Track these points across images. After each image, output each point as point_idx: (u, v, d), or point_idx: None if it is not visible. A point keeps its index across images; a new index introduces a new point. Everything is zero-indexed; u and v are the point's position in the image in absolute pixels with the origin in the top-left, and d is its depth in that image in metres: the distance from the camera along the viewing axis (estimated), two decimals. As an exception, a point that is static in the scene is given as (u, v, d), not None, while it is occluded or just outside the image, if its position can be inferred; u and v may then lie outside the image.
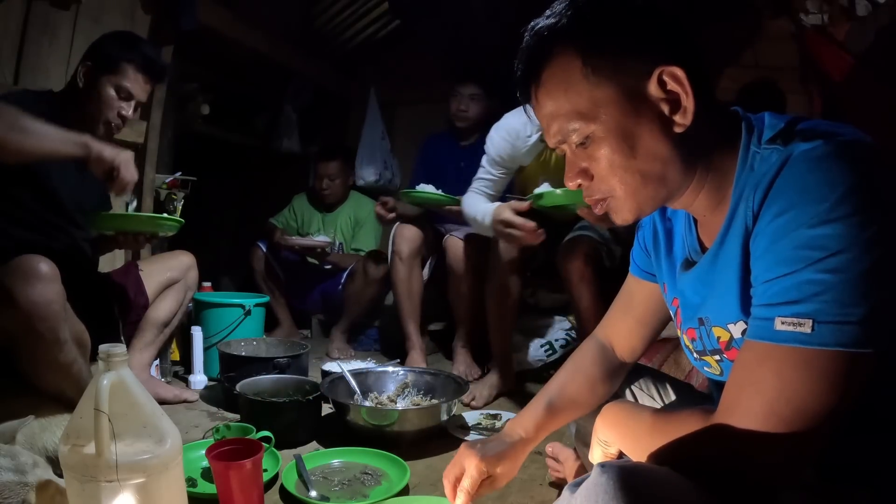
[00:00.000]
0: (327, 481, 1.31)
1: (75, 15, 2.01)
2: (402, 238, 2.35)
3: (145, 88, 1.65)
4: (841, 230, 0.57)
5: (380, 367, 1.95)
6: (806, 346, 0.57)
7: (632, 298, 1.00)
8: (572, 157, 0.75)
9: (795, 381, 0.58)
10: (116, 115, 1.60)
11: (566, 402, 0.99)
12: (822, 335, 0.57)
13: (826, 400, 0.57)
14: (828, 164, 0.60)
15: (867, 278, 0.56)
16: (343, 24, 3.55)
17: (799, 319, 0.57)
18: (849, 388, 0.57)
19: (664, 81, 0.68)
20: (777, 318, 0.59)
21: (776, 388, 0.58)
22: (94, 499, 0.80)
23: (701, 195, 0.75)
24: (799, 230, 0.59)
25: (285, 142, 3.68)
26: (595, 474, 0.58)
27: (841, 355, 0.56)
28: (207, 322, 2.22)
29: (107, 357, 0.82)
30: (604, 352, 1.02)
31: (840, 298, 0.56)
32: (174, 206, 2.53)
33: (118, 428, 0.80)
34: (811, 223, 0.58)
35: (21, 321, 1.22)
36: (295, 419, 1.55)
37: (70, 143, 1.32)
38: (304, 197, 3.22)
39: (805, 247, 0.58)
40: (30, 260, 1.25)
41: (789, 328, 0.58)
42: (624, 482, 0.55)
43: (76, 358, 1.35)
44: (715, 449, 0.62)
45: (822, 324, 0.56)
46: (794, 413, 0.57)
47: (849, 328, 0.56)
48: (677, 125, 0.69)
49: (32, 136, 1.26)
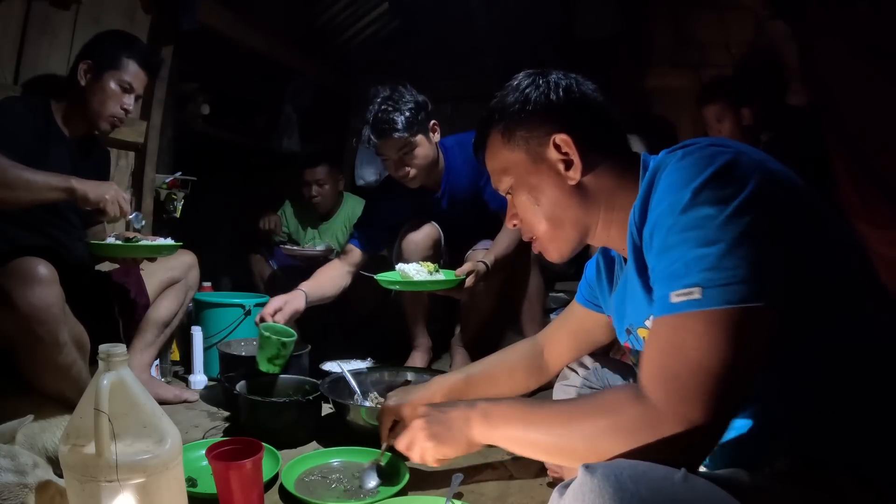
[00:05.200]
0: (327, 481, 1.32)
1: (75, 15, 2.01)
2: (409, 241, 2.30)
3: (144, 82, 1.70)
4: (707, 210, 0.66)
5: (380, 367, 1.95)
6: (698, 310, 0.65)
7: (570, 316, 1.19)
8: (509, 203, 0.97)
9: (694, 343, 0.65)
10: (120, 109, 1.65)
11: (483, 377, 1.20)
12: (710, 297, 0.65)
13: (726, 357, 0.64)
14: (686, 162, 0.71)
15: (740, 244, 0.64)
16: (343, 24, 3.55)
17: (689, 289, 0.66)
18: (747, 343, 0.64)
19: (559, 145, 0.87)
20: (671, 294, 0.67)
21: (680, 353, 0.66)
22: (94, 499, 0.80)
23: (612, 231, 0.90)
24: (673, 217, 0.69)
25: (285, 142, 3.68)
26: (581, 474, 0.60)
27: (731, 312, 0.64)
28: (207, 322, 2.22)
29: (107, 357, 0.82)
30: (533, 349, 1.21)
31: (720, 265, 0.64)
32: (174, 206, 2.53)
33: (118, 428, 0.80)
34: (681, 210, 0.68)
35: (20, 324, 1.22)
36: (295, 419, 1.55)
37: (56, 189, 1.37)
38: (290, 205, 3.10)
39: (681, 230, 0.68)
40: (28, 262, 1.25)
41: (683, 298, 0.66)
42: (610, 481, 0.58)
43: (76, 360, 1.35)
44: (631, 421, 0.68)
45: (709, 288, 0.65)
46: (700, 374, 0.64)
47: (733, 287, 0.64)
48: (570, 178, 0.88)
49: (18, 190, 1.32)
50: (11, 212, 1.49)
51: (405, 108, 1.94)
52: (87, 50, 1.65)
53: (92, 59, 1.61)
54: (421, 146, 2.00)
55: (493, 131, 0.94)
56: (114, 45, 1.64)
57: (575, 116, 0.89)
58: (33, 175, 1.33)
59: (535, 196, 0.91)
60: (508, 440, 0.83)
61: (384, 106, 1.93)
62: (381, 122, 1.92)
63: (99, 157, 1.84)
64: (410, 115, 1.94)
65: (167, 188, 2.51)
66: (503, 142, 0.92)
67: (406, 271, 1.81)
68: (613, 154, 0.89)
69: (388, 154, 2.00)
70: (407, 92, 1.98)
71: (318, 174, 2.94)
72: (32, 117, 1.55)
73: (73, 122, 1.65)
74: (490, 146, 0.96)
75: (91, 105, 1.62)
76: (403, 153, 1.98)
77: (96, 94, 1.61)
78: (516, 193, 0.93)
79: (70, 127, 1.65)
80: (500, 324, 2.50)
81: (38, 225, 1.59)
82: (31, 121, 1.54)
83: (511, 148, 0.92)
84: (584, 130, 0.88)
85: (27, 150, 1.45)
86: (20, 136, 1.48)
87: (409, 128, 1.93)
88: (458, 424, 0.88)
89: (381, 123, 1.92)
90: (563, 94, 0.90)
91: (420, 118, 1.97)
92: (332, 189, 2.99)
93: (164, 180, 2.50)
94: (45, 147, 1.55)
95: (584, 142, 0.87)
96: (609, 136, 0.91)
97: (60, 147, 1.61)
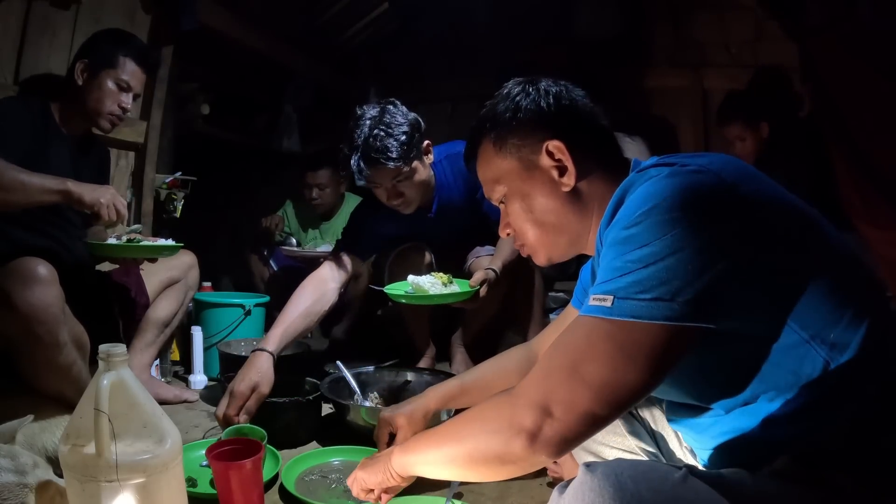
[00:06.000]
0: (327, 481, 1.32)
1: (75, 15, 2.01)
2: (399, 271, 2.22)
3: (142, 80, 1.71)
4: (644, 230, 0.67)
5: (380, 368, 1.95)
6: (604, 317, 0.67)
7: (566, 321, 1.14)
8: (502, 212, 0.96)
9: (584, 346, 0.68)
10: (118, 108, 1.65)
11: (478, 384, 1.17)
12: (619, 307, 0.66)
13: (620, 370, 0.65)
14: (656, 184, 0.71)
15: (664, 267, 0.65)
16: (343, 24, 3.55)
17: (604, 296, 0.68)
18: (646, 361, 0.65)
19: (552, 152, 0.87)
20: (591, 296, 0.70)
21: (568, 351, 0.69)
22: (94, 499, 0.80)
23: None
24: (617, 231, 0.71)
25: (285, 142, 3.68)
26: (581, 473, 0.61)
27: (635, 326, 0.65)
28: (207, 322, 2.22)
29: (107, 357, 0.82)
30: (528, 355, 1.17)
31: (638, 280, 0.66)
32: (174, 206, 2.53)
33: (118, 428, 0.80)
34: (626, 225, 0.70)
35: (20, 324, 1.22)
36: (295, 419, 1.55)
37: (51, 191, 1.37)
38: (291, 205, 3.11)
39: (617, 243, 0.70)
40: (28, 263, 1.25)
41: (597, 303, 0.68)
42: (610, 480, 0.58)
43: (75, 360, 1.35)
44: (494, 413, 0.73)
45: (621, 299, 0.66)
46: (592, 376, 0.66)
47: (644, 304, 0.65)
48: (564, 185, 0.87)
49: (13, 192, 1.32)
50: (11, 212, 1.49)
51: (399, 133, 1.72)
52: (84, 49, 1.65)
53: (88, 57, 1.61)
54: (417, 172, 1.82)
55: (485, 140, 0.94)
56: (110, 44, 1.65)
57: (566, 123, 0.89)
58: (29, 177, 1.33)
59: (528, 203, 0.90)
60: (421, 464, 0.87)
61: (375, 131, 1.71)
62: (372, 149, 1.71)
63: (99, 156, 1.84)
64: (406, 138, 1.73)
65: (167, 188, 2.51)
66: (495, 150, 0.92)
67: (419, 284, 1.72)
68: (605, 160, 0.90)
69: (382, 183, 1.79)
70: (398, 112, 1.77)
71: (320, 178, 2.93)
72: (31, 117, 1.55)
73: (72, 122, 1.65)
74: (481, 156, 0.95)
75: (89, 104, 1.62)
76: (398, 181, 1.79)
77: (93, 92, 1.61)
78: (509, 202, 0.93)
79: (69, 126, 1.65)
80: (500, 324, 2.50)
81: (38, 225, 1.59)
82: (29, 121, 1.54)
83: (503, 156, 0.91)
84: (576, 136, 0.88)
85: (26, 151, 1.45)
86: (19, 137, 1.48)
87: (404, 156, 1.73)
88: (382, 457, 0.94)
89: (373, 151, 1.71)
90: (554, 101, 0.90)
91: (415, 141, 1.77)
92: (333, 191, 2.98)
93: (164, 180, 2.50)
94: (45, 147, 1.55)
95: (577, 148, 0.87)
96: (600, 141, 0.91)
97: (60, 147, 1.61)
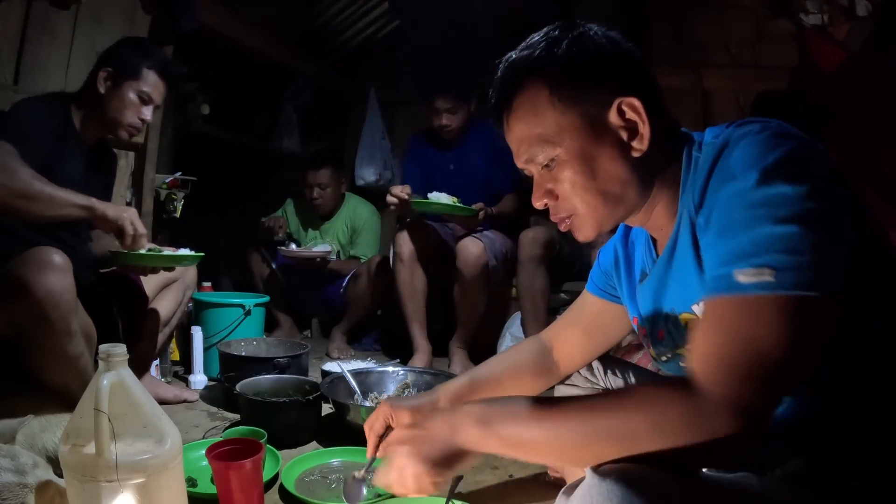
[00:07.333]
0: (327, 481, 1.32)
1: (75, 15, 2.01)
2: (405, 241, 2.34)
3: (163, 93, 1.69)
4: (784, 188, 0.60)
5: (380, 367, 1.95)
6: (769, 293, 0.59)
7: (583, 310, 1.05)
8: (539, 178, 0.81)
9: (757, 328, 0.59)
10: (138, 119, 1.63)
11: (489, 380, 1.04)
12: (783, 281, 0.58)
13: (786, 347, 0.58)
14: (762, 138, 0.65)
15: (814, 228, 0.59)
16: (343, 24, 3.56)
17: (759, 269, 0.59)
18: (808, 336, 0.59)
19: (623, 111, 0.74)
20: (736, 272, 0.60)
21: (747, 340, 0.59)
22: (94, 499, 0.80)
23: (657, 210, 0.80)
24: (744, 194, 0.62)
25: (285, 142, 3.68)
26: (589, 477, 0.58)
27: (802, 300, 0.58)
28: (207, 322, 2.22)
29: (107, 357, 0.82)
30: (541, 349, 1.07)
31: (795, 247, 0.59)
32: (174, 206, 2.54)
33: (118, 428, 0.80)
34: (755, 185, 0.62)
35: (35, 310, 1.23)
36: (295, 419, 1.55)
37: (77, 206, 1.36)
38: (292, 204, 3.12)
39: (752, 206, 0.61)
40: (44, 251, 1.27)
41: (752, 279, 0.59)
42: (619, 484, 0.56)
43: (83, 351, 1.36)
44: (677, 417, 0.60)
45: (782, 271, 0.58)
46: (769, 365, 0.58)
47: (806, 273, 0.58)
48: (635, 150, 0.75)
49: (39, 203, 1.31)
50: None
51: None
52: (108, 57, 1.62)
53: (112, 67, 1.59)
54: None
55: (531, 89, 0.76)
56: (135, 55, 1.62)
57: (637, 76, 0.76)
58: (55, 191, 1.33)
59: (590, 168, 0.75)
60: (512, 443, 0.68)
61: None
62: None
63: (109, 165, 1.84)
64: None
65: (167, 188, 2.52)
66: (550, 103, 0.75)
67: (439, 198, 2.23)
68: (667, 123, 0.78)
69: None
70: None
71: (321, 177, 2.92)
72: (53, 122, 1.54)
73: (91, 128, 1.64)
74: (524, 108, 0.78)
75: (109, 113, 1.60)
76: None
77: (115, 102, 1.59)
78: (561, 166, 0.76)
79: (86, 133, 1.65)
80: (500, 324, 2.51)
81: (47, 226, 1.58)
82: (51, 126, 1.53)
83: (560, 111, 0.75)
84: (648, 94, 0.75)
85: (45, 156, 1.45)
86: (40, 141, 1.47)
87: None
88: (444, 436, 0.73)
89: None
90: (622, 50, 0.77)
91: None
92: (333, 191, 2.97)
93: (164, 180, 2.51)
94: (63, 153, 1.55)
95: (650, 107, 0.74)
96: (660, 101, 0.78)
97: (76, 153, 1.61)
